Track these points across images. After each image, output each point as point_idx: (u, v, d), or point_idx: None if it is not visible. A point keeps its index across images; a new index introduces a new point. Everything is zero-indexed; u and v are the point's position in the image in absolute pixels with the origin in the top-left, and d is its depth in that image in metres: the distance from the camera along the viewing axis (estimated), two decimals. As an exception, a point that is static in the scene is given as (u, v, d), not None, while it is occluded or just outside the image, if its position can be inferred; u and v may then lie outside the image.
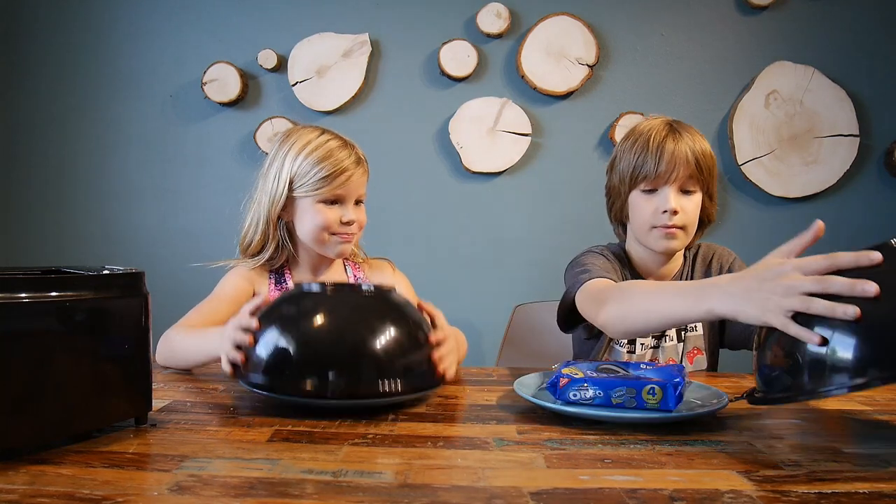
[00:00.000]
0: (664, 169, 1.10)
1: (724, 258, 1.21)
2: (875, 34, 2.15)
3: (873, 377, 0.59)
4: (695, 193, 1.12)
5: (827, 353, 0.62)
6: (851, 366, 0.60)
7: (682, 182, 1.11)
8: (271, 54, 2.20)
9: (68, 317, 0.62)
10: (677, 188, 1.11)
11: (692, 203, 1.12)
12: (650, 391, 0.77)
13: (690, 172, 1.10)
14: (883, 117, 2.15)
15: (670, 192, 1.11)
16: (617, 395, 0.78)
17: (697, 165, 1.10)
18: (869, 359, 0.59)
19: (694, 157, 1.10)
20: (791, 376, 0.66)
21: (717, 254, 1.22)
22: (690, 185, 1.12)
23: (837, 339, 0.61)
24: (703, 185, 1.12)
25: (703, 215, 1.17)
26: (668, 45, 2.21)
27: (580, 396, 0.79)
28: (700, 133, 1.15)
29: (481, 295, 2.23)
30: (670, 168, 1.10)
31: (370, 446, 0.66)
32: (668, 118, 1.16)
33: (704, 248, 1.24)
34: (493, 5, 2.17)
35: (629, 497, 0.54)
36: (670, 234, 1.12)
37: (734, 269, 1.18)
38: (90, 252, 2.30)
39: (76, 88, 2.30)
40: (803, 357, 0.65)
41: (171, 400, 0.85)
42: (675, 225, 1.11)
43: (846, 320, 0.60)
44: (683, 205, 1.11)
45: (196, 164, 2.29)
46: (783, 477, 0.59)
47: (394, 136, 2.23)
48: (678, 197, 1.11)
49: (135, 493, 0.52)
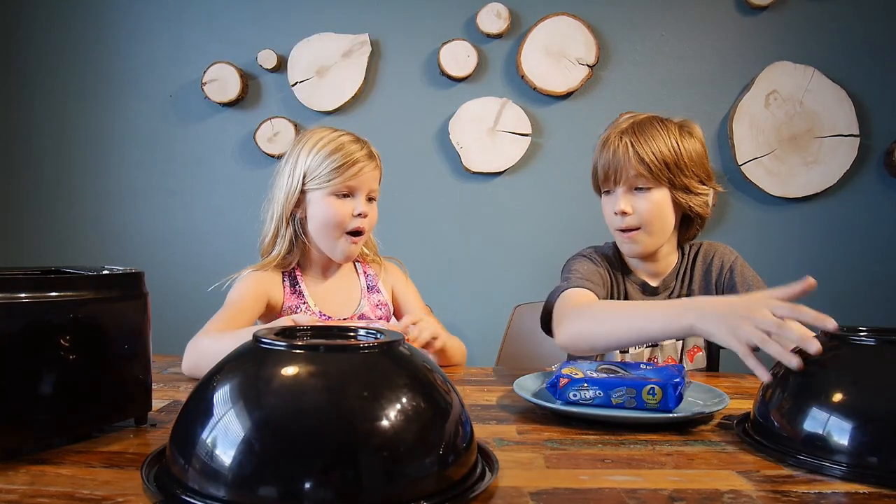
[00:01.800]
0: (610, 170, 1.10)
1: (726, 257, 1.19)
2: (875, 34, 2.15)
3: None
4: (651, 191, 1.09)
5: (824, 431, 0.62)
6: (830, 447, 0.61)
7: (631, 181, 1.10)
8: (271, 54, 2.20)
9: (68, 317, 0.61)
10: (628, 188, 1.11)
11: (647, 202, 1.09)
12: (650, 391, 0.77)
13: (638, 171, 1.08)
14: (883, 117, 2.15)
15: (620, 192, 1.11)
16: (617, 395, 0.78)
17: (646, 163, 1.07)
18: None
19: (637, 156, 1.07)
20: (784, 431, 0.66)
21: (718, 253, 1.21)
22: (642, 182, 1.09)
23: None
24: (662, 181, 1.08)
25: (684, 210, 1.13)
26: (668, 45, 2.21)
27: (580, 396, 0.79)
28: (677, 127, 1.12)
29: (481, 295, 2.23)
30: (614, 168, 1.09)
31: (370, 446, 0.66)
32: (640, 116, 1.14)
33: (706, 247, 1.23)
34: (493, 5, 2.17)
35: (629, 497, 0.54)
36: (629, 238, 1.12)
37: (735, 268, 1.17)
38: (90, 252, 2.30)
39: (76, 88, 2.30)
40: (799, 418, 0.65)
41: (171, 400, 0.85)
42: (628, 227, 1.11)
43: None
44: (636, 204, 1.10)
45: (196, 164, 2.29)
46: (783, 477, 0.59)
47: (394, 136, 2.23)
48: (629, 197, 1.10)
49: (135, 493, 0.52)
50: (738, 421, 0.76)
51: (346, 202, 1.14)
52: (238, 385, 0.52)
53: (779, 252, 2.18)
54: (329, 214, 1.13)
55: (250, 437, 0.48)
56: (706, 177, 1.13)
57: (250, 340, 0.57)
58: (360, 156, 1.13)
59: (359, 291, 1.25)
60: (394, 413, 0.50)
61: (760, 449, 0.66)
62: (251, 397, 0.51)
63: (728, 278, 1.16)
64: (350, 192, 1.14)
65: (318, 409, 0.50)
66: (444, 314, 1.48)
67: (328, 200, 1.13)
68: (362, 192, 1.15)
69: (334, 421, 0.49)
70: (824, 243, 2.18)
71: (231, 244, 2.23)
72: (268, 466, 0.47)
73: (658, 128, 1.10)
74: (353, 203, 1.14)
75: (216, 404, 0.51)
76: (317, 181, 1.13)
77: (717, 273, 1.18)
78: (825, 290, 2.45)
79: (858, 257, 2.17)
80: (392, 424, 0.49)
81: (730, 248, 1.22)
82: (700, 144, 1.13)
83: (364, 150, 1.15)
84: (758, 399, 0.73)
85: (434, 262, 2.24)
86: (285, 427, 0.49)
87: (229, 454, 0.48)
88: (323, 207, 1.14)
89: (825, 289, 2.46)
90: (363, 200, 1.15)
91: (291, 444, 0.48)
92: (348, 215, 1.14)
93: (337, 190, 1.13)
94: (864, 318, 2.16)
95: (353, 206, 1.14)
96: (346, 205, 1.14)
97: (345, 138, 1.15)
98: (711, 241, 1.25)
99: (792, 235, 2.19)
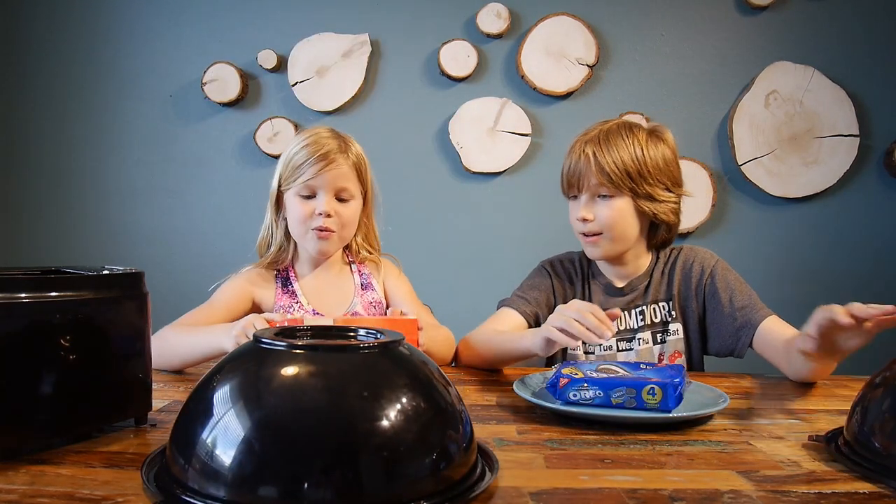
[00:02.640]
0: (573, 177, 1.14)
1: (706, 262, 1.19)
2: (875, 34, 2.15)
3: None
4: (613, 198, 1.11)
5: None
6: None
7: (593, 189, 1.12)
8: (271, 54, 2.20)
9: (68, 317, 0.61)
10: (590, 195, 1.13)
11: (609, 209, 1.12)
12: (650, 391, 0.77)
13: (600, 180, 1.10)
14: (883, 117, 2.15)
15: (582, 199, 1.14)
16: (617, 395, 0.78)
17: (606, 173, 1.09)
18: None
19: (599, 165, 1.10)
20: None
21: (698, 258, 1.20)
22: (604, 190, 1.11)
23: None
24: (624, 190, 1.10)
25: (649, 218, 1.14)
26: (668, 45, 2.21)
27: (580, 397, 0.79)
28: (646, 134, 1.12)
29: (481, 295, 2.22)
30: (577, 176, 1.13)
31: (370, 446, 0.66)
32: (609, 123, 1.15)
33: (686, 252, 1.22)
34: (493, 5, 2.17)
35: (629, 497, 0.54)
36: (590, 242, 1.15)
37: (716, 273, 1.16)
38: (90, 252, 2.30)
39: (76, 88, 2.29)
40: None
41: (171, 400, 0.85)
42: (590, 232, 1.14)
43: None
44: (598, 211, 1.12)
45: (196, 164, 2.29)
46: (783, 477, 0.59)
47: (394, 136, 2.23)
48: (590, 204, 1.13)
49: (134, 494, 0.52)
50: (829, 438, 0.69)
51: (308, 202, 1.15)
52: (238, 385, 0.52)
53: (779, 252, 2.18)
54: (294, 214, 1.16)
55: (250, 437, 0.48)
56: (672, 184, 1.14)
57: (251, 341, 0.57)
58: (322, 154, 1.13)
59: (352, 290, 1.25)
60: (394, 413, 0.50)
61: (865, 474, 0.59)
62: (251, 397, 0.51)
63: (709, 284, 1.17)
64: (312, 193, 1.15)
65: (318, 409, 0.50)
66: (444, 314, 1.48)
67: (294, 201, 1.16)
68: (326, 192, 1.14)
69: (334, 421, 0.49)
70: (824, 243, 2.18)
71: (231, 244, 2.22)
72: (268, 466, 0.47)
73: (624, 137, 1.11)
74: (316, 203, 1.14)
75: (216, 404, 0.51)
76: (286, 183, 1.16)
77: (698, 278, 1.18)
78: (825, 290, 2.46)
79: (858, 257, 2.17)
80: (392, 424, 0.49)
81: (710, 252, 1.22)
82: (670, 151, 1.14)
83: (329, 148, 1.13)
84: (857, 416, 0.65)
85: (434, 261, 2.24)
86: (285, 427, 0.49)
87: (229, 454, 0.48)
88: (291, 208, 1.17)
89: (825, 289, 2.46)
90: (327, 199, 1.14)
91: (291, 444, 0.48)
92: (310, 215, 1.14)
93: (299, 190, 1.15)
94: (864, 318, 2.16)
95: (315, 205, 1.14)
96: (308, 205, 1.15)
97: (313, 138, 1.15)
98: (693, 246, 1.24)
99: (792, 235, 2.19)
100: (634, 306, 1.20)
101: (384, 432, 0.49)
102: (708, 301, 1.17)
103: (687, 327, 1.18)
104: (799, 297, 2.20)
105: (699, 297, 1.18)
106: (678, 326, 1.18)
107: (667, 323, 1.19)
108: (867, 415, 0.63)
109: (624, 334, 1.19)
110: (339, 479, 0.47)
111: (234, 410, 0.50)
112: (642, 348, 1.18)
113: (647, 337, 1.19)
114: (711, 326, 1.17)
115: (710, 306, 1.16)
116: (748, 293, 1.14)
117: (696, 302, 1.18)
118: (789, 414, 0.84)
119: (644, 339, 1.18)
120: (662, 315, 1.19)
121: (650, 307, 1.19)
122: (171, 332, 1.05)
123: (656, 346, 1.18)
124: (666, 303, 1.19)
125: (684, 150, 2.19)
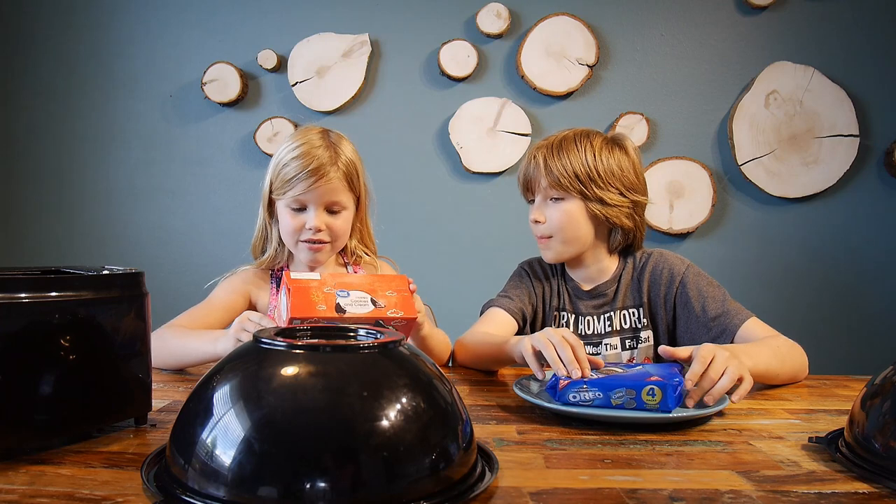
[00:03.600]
0: (527, 180, 1.18)
1: (676, 269, 1.17)
2: (875, 34, 2.15)
3: None
4: (563, 201, 1.14)
5: None
6: None
7: (545, 192, 1.15)
8: (271, 54, 2.20)
9: (68, 317, 0.61)
10: (543, 198, 1.17)
11: (558, 211, 1.14)
12: (650, 392, 0.77)
13: (549, 182, 1.14)
14: (883, 117, 2.15)
15: (537, 202, 1.18)
16: (616, 396, 0.78)
17: (555, 175, 1.12)
18: None
19: (548, 168, 1.13)
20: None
21: (668, 264, 1.18)
22: (554, 193, 1.15)
23: None
24: (571, 192, 1.12)
25: (601, 222, 1.15)
26: (668, 45, 2.21)
27: (580, 398, 0.79)
28: (603, 141, 1.15)
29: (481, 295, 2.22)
30: (530, 179, 1.17)
31: (370, 446, 0.66)
32: (566, 132, 1.18)
33: (655, 257, 1.21)
34: (493, 5, 2.17)
35: (629, 497, 0.54)
36: (543, 244, 1.19)
37: (687, 281, 1.15)
38: (90, 252, 2.30)
39: (76, 88, 2.29)
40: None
41: (171, 400, 0.85)
42: (542, 234, 1.17)
43: None
44: (549, 214, 1.16)
45: (196, 164, 2.29)
46: (783, 477, 0.59)
47: (394, 137, 2.23)
48: (542, 206, 1.17)
49: (134, 494, 0.52)
50: (830, 439, 0.68)
51: (299, 216, 1.13)
52: (237, 385, 0.52)
53: (779, 252, 2.18)
54: (285, 226, 1.15)
55: (250, 437, 0.48)
56: (626, 189, 1.14)
57: (251, 341, 0.57)
58: (313, 170, 1.09)
59: None
60: (394, 413, 0.50)
61: (864, 475, 0.59)
62: (251, 397, 0.51)
63: (680, 292, 1.15)
64: (302, 206, 1.13)
65: (317, 409, 0.50)
66: (444, 314, 1.48)
67: (285, 212, 1.14)
68: (316, 206, 1.12)
69: (334, 421, 0.49)
70: (824, 243, 2.18)
71: (231, 244, 2.22)
72: (267, 466, 0.47)
73: (577, 143, 1.15)
74: (306, 217, 1.12)
75: (216, 404, 0.51)
76: (277, 193, 1.14)
77: (667, 285, 1.17)
78: (825, 290, 2.45)
79: (858, 257, 2.17)
80: (392, 424, 0.49)
81: (680, 257, 1.20)
82: (628, 159, 1.16)
83: (319, 162, 1.09)
84: (857, 417, 0.65)
85: (433, 261, 2.24)
86: (285, 427, 0.48)
87: (229, 454, 0.48)
88: (282, 220, 1.16)
89: (825, 289, 2.46)
90: (316, 213, 1.12)
91: (291, 444, 0.47)
92: (300, 228, 1.13)
93: (289, 203, 1.13)
94: (863, 318, 2.16)
95: (306, 220, 1.12)
96: (298, 218, 1.13)
97: (304, 147, 1.11)
98: (663, 251, 1.23)
99: (792, 235, 2.19)
100: (603, 311, 1.21)
101: (384, 432, 0.49)
102: (680, 310, 1.15)
103: (657, 334, 1.18)
104: (798, 298, 2.20)
105: (668, 305, 1.16)
106: (649, 334, 1.18)
107: (637, 329, 1.19)
108: (868, 416, 0.63)
109: (591, 338, 1.20)
110: (339, 480, 0.47)
111: (234, 410, 0.50)
112: (610, 353, 1.19)
113: (616, 342, 1.19)
114: (685, 335, 1.14)
115: (683, 315, 1.15)
116: (721, 299, 1.11)
117: (665, 310, 1.17)
118: (789, 414, 0.84)
119: (612, 345, 1.19)
120: (632, 321, 1.19)
121: (619, 313, 1.20)
122: (168, 333, 1.04)
123: (625, 351, 1.19)
124: (636, 309, 1.19)
125: (684, 150, 2.19)
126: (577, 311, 1.23)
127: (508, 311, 1.21)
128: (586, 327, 1.21)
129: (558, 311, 1.24)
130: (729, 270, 2.13)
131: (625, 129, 2.16)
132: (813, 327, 2.12)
